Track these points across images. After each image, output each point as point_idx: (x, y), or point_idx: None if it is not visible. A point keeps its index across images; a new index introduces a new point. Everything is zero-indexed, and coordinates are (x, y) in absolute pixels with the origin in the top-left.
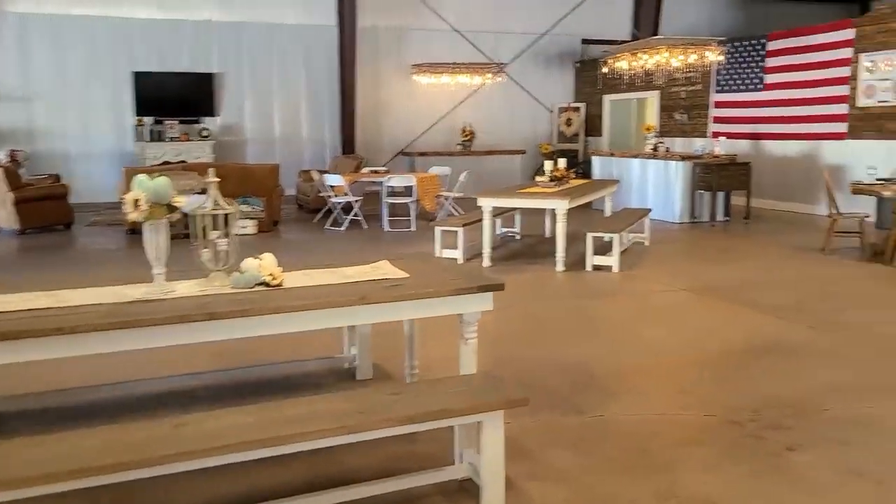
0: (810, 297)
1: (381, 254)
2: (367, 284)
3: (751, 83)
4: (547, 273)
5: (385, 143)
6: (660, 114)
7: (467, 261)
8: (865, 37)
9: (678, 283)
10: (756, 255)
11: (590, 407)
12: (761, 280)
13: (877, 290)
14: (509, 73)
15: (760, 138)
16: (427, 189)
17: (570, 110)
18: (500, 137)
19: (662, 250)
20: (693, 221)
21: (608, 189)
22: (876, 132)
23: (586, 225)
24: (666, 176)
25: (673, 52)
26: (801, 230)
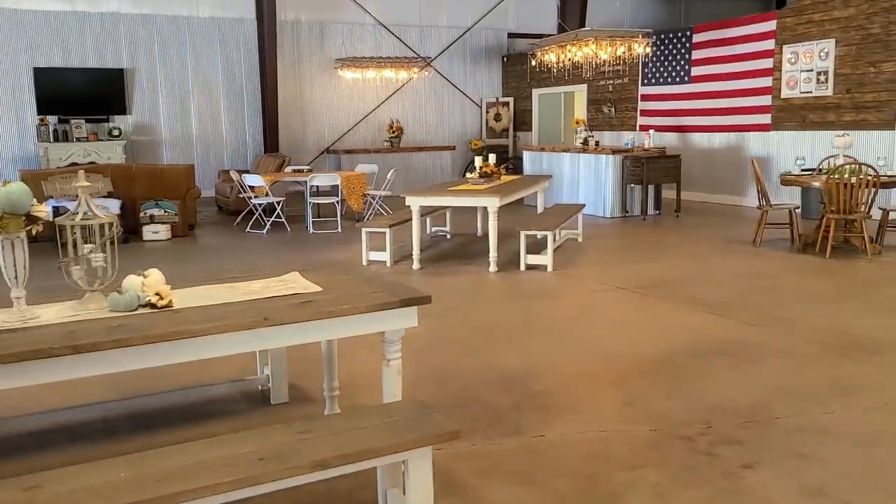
0: (748, 291)
1: (302, 257)
2: (272, 302)
3: (677, 76)
4: (480, 274)
5: (310, 141)
6: (588, 107)
7: (396, 263)
8: (787, 28)
9: (614, 280)
10: (689, 248)
11: (530, 425)
12: (697, 275)
13: (811, 282)
14: (436, 68)
15: (687, 131)
16: (353, 188)
17: (498, 105)
18: (429, 133)
19: (596, 246)
20: (625, 216)
21: (540, 185)
22: (799, 123)
23: (519, 222)
24: (597, 170)
25: (600, 44)
26: (731, 222)
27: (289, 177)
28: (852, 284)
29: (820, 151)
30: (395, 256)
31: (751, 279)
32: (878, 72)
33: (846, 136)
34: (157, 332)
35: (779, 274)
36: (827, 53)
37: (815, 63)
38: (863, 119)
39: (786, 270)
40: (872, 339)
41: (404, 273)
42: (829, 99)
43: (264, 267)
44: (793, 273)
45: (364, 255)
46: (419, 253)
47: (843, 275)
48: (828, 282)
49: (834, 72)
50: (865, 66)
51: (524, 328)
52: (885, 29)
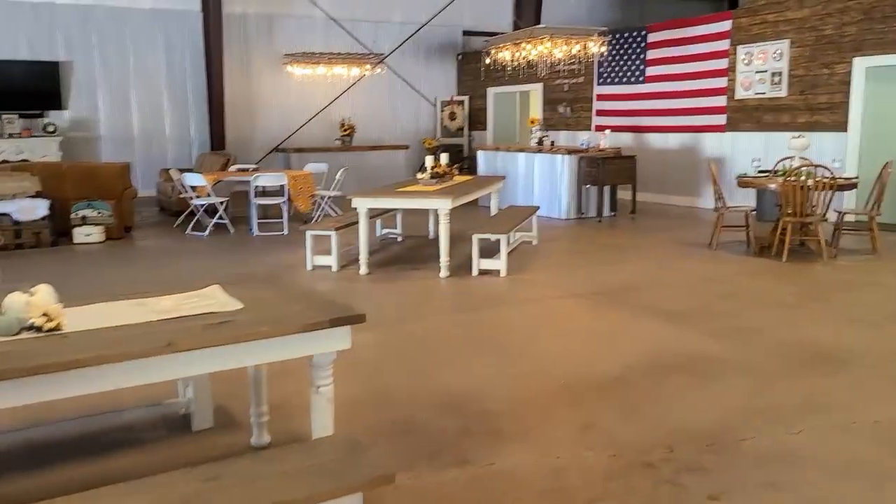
0: (706, 298)
1: (243, 261)
2: (182, 323)
3: (632, 75)
4: (430, 280)
5: (258, 139)
6: (544, 107)
7: (343, 268)
8: (742, 28)
9: (570, 286)
10: (646, 252)
11: (479, 453)
12: (655, 281)
13: (769, 288)
14: (389, 65)
15: (643, 131)
16: (301, 188)
17: (453, 104)
18: (382, 132)
19: (551, 250)
20: (580, 217)
21: (494, 186)
22: (754, 124)
23: (471, 225)
24: (552, 171)
25: (555, 42)
26: (687, 224)
27: (233, 176)
28: (810, 289)
29: (775, 153)
30: (341, 261)
31: (709, 284)
32: (832, 73)
33: (802, 138)
34: (38, 361)
35: (736, 278)
36: (781, 54)
37: (770, 64)
38: (816, 121)
39: (743, 274)
40: (836, 350)
41: (350, 279)
42: (783, 100)
43: (200, 273)
44: (750, 277)
45: (308, 259)
46: (367, 257)
47: (801, 279)
48: (786, 287)
49: (788, 73)
50: (819, 68)
51: (475, 342)
52: (838, 30)
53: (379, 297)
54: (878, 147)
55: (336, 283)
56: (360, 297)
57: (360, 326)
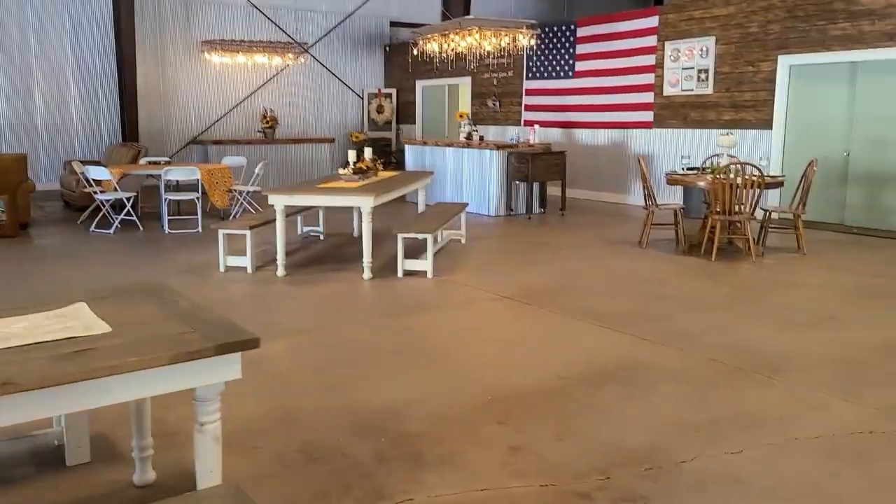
0: (639, 300)
1: (150, 262)
2: (29, 353)
3: (561, 70)
4: (353, 282)
5: (174, 131)
6: (473, 101)
7: (259, 269)
8: (669, 24)
9: (500, 288)
10: (577, 251)
11: (394, 485)
12: (586, 282)
13: (700, 288)
14: (314, 55)
15: (572, 127)
16: (216, 183)
17: (381, 96)
18: (307, 125)
19: (481, 248)
20: (510, 214)
21: (421, 181)
22: (681, 121)
23: (397, 222)
24: (481, 166)
25: (484, 34)
26: (616, 221)
27: (141, 169)
28: (741, 290)
29: (702, 150)
30: (257, 261)
31: (641, 285)
32: (757, 71)
33: (730, 136)
34: None
35: (668, 278)
36: (707, 51)
37: (696, 61)
38: (741, 118)
39: (674, 274)
40: (770, 355)
41: (266, 281)
42: (709, 97)
43: (96, 277)
44: (681, 277)
45: (221, 260)
46: (284, 258)
47: (731, 279)
48: (717, 287)
49: (714, 70)
50: (744, 65)
51: (397, 351)
52: (762, 28)
53: (295, 302)
54: (802, 145)
55: (249, 287)
56: (274, 302)
57: (271, 335)
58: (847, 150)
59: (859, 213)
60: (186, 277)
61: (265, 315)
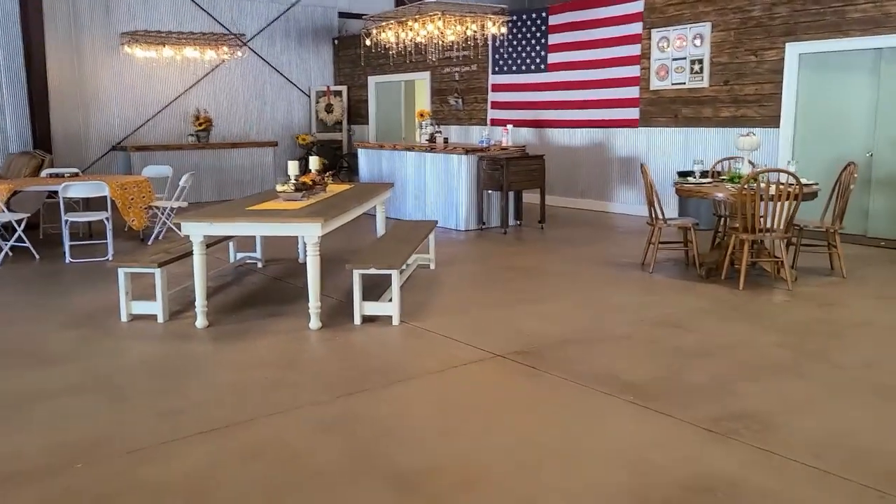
0: (670, 357)
1: (36, 306)
2: None
3: (532, 63)
4: (296, 335)
5: (94, 136)
6: (432, 98)
7: (174, 317)
8: (656, 10)
9: (486, 339)
10: (570, 279)
11: None
12: (592, 326)
13: (741, 333)
14: (254, 49)
15: (545, 126)
16: (131, 199)
17: (330, 94)
18: (247, 127)
19: (454, 277)
20: (482, 228)
21: (380, 196)
22: (670, 119)
23: (351, 245)
24: (447, 173)
25: (448, 21)
26: (604, 235)
27: (39, 184)
28: (795, 335)
29: (694, 152)
30: (176, 305)
31: (664, 330)
32: (760, 61)
33: (752, 136)
34: None
35: (695, 318)
36: (701, 39)
37: (689, 50)
38: (743, 115)
39: (700, 312)
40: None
41: (181, 336)
42: (704, 91)
43: None
44: (711, 317)
45: (123, 307)
46: (205, 304)
47: (774, 318)
48: (763, 333)
49: (710, 60)
50: (745, 55)
51: (346, 465)
52: (767, 11)
53: (214, 373)
54: (815, 146)
55: (156, 347)
56: (185, 375)
57: (171, 439)
58: (870, 151)
59: (885, 223)
60: (75, 333)
61: (168, 399)
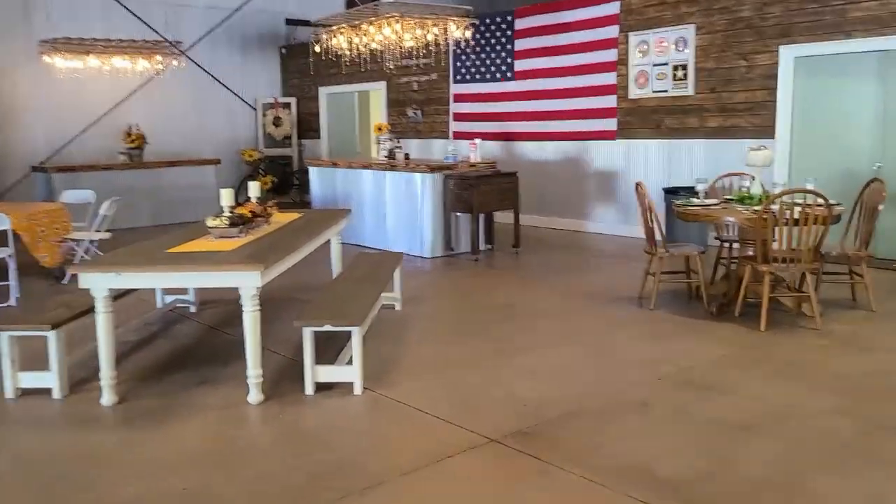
0: (705, 433)
1: None
2: None
3: (497, 71)
4: (230, 415)
5: (14, 155)
6: (389, 110)
7: (76, 389)
8: (633, 11)
9: (473, 412)
10: (560, 319)
11: None
12: (601, 392)
13: (783, 394)
14: (193, 59)
15: (512, 139)
16: (42, 232)
17: (278, 107)
18: (187, 143)
19: (425, 319)
20: (450, 254)
21: (335, 226)
22: (652, 129)
23: (301, 282)
24: (410, 193)
25: (407, 24)
26: (586, 261)
27: None
28: (859, 398)
29: (679, 165)
30: (80, 371)
31: (689, 394)
32: (751, 65)
33: (764, 149)
34: None
35: (724, 374)
36: (685, 43)
37: (671, 55)
38: (733, 125)
39: (724, 363)
40: None
41: (81, 421)
42: (689, 100)
43: None
44: (743, 371)
45: (8, 380)
46: (112, 376)
47: (813, 369)
48: (810, 392)
49: (695, 66)
50: (734, 59)
51: None
52: (758, 11)
53: (110, 483)
54: (815, 158)
55: (40, 438)
56: (69, 487)
57: None
58: (878, 164)
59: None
60: None
61: None
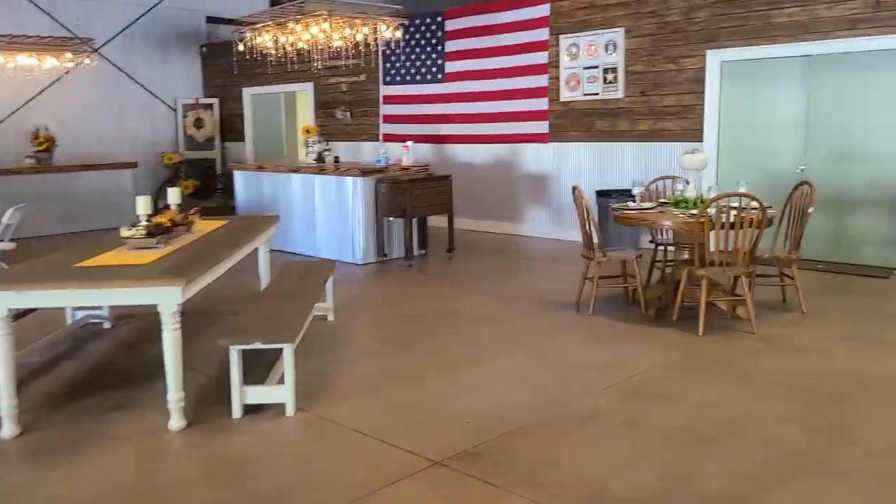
0: (663, 445)
1: None
2: None
3: (428, 72)
4: (150, 442)
5: None
6: (317, 112)
7: None
8: (563, 14)
9: (416, 431)
10: (500, 326)
11: None
12: (550, 402)
13: (732, 402)
14: (107, 56)
15: (443, 142)
16: None
17: (199, 108)
18: (102, 145)
19: (360, 331)
20: (383, 260)
21: (262, 234)
22: (583, 132)
23: (227, 293)
24: (340, 198)
25: (335, 23)
26: (523, 265)
27: None
28: (803, 403)
29: (610, 168)
30: None
31: (641, 403)
32: (680, 69)
33: (698, 153)
34: None
35: (670, 381)
36: (615, 46)
37: (601, 58)
38: (662, 128)
39: (672, 369)
40: None
41: None
42: (620, 103)
43: None
44: (688, 377)
45: None
46: (14, 404)
47: (761, 375)
48: (761, 400)
49: (625, 69)
50: (663, 63)
51: None
52: (685, 16)
53: None
54: (742, 161)
55: None
56: None
57: None
58: (802, 167)
59: (821, 244)
60: None
61: None
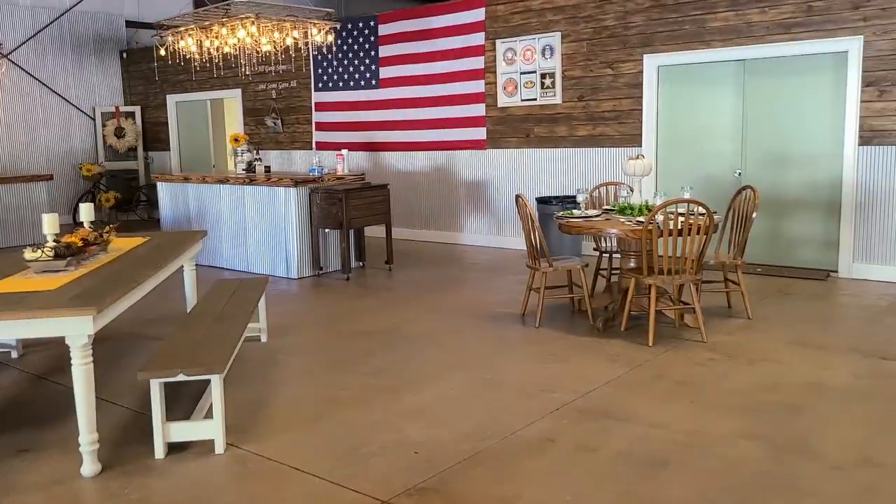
0: (622, 471)
1: None
2: None
3: (361, 78)
4: (59, 491)
5: None
6: (245, 119)
7: None
8: (499, 18)
9: (359, 466)
10: (444, 343)
11: None
12: (501, 427)
13: (692, 417)
14: (19, 63)
15: (378, 149)
16: None
17: (119, 116)
18: (15, 157)
19: (295, 353)
20: (319, 274)
21: (188, 251)
22: (522, 139)
23: (149, 314)
24: (273, 210)
25: (263, 27)
26: (464, 275)
27: None
28: (760, 417)
29: (550, 174)
30: None
31: (595, 424)
32: (617, 74)
33: (642, 158)
34: None
35: (622, 397)
36: (551, 51)
37: (538, 63)
38: (601, 133)
39: (623, 385)
40: None
41: None
42: (558, 108)
43: None
44: (640, 392)
45: None
46: None
47: (714, 389)
48: (718, 417)
49: (562, 74)
50: (600, 67)
51: None
52: (621, 21)
53: None
54: (680, 165)
55: None
56: None
57: None
58: (739, 170)
59: (759, 247)
60: None
61: None
